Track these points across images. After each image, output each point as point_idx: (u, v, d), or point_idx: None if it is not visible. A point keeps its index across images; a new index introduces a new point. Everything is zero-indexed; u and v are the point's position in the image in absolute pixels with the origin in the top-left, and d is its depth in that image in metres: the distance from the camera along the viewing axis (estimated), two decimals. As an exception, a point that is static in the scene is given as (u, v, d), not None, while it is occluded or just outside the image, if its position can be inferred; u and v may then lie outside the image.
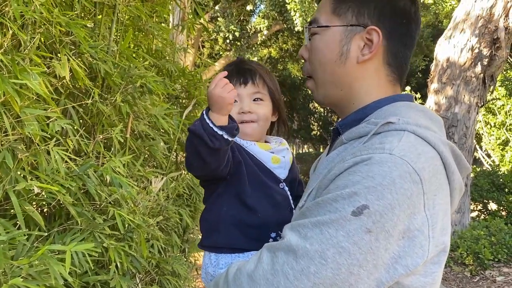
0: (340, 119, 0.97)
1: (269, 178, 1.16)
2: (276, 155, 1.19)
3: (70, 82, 1.40)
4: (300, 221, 0.77)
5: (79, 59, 1.44)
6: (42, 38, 1.29)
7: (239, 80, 1.19)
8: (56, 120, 1.24)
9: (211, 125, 0.96)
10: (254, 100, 1.20)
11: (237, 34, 10.32)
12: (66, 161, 1.22)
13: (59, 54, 1.29)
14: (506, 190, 6.58)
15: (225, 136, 0.98)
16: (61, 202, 1.25)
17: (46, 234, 1.15)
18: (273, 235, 1.09)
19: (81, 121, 1.60)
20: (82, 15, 1.73)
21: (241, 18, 11.31)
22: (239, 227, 1.09)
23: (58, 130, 1.21)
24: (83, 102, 1.47)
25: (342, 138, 0.90)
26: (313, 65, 0.96)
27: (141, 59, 2.12)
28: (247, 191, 1.10)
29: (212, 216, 1.13)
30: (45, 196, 1.18)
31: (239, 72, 1.20)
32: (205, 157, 1.00)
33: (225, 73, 1.02)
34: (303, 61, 1.01)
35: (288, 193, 1.18)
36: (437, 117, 0.90)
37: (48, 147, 1.17)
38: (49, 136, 1.18)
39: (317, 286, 0.70)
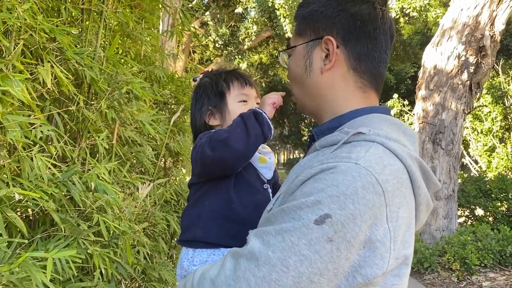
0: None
1: (254, 177, 1.19)
2: (263, 155, 1.22)
3: (55, 88, 1.40)
4: (265, 228, 0.78)
5: (65, 65, 1.44)
6: (27, 45, 1.29)
7: (245, 81, 1.25)
8: (41, 126, 1.24)
9: (268, 119, 1.08)
10: (257, 103, 1.27)
11: (226, 37, 10.34)
12: (50, 168, 1.22)
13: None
14: (493, 196, 6.65)
15: (272, 133, 1.09)
16: (45, 209, 1.25)
17: (28, 241, 1.14)
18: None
19: (67, 127, 1.60)
20: (69, 21, 1.73)
21: (232, 24, 11.35)
22: (218, 222, 1.10)
23: (42, 137, 1.21)
24: (68, 108, 1.46)
25: (316, 145, 0.92)
26: (290, 83, 1.03)
27: (129, 65, 2.13)
28: (232, 187, 1.12)
29: (193, 211, 1.15)
30: (29, 202, 1.18)
31: (241, 75, 1.26)
32: (252, 144, 1.06)
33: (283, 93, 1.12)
34: None
35: (271, 195, 1.20)
36: (411, 131, 0.92)
37: (32, 153, 1.17)
38: (32, 142, 1.18)
39: None
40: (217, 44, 10.65)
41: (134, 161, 2.11)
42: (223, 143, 1.05)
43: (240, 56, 10.98)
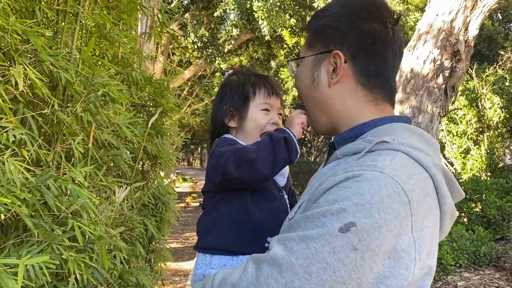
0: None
1: (271, 185, 1.18)
2: None
3: (29, 91, 1.37)
4: (288, 234, 0.77)
5: (39, 67, 1.41)
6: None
7: (272, 91, 1.23)
8: (13, 129, 1.21)
9: (296, 143, 1.06)
10: (278, 114, 1.26)
11: (205, 39, 10.30)
12: (23, 172, 1.19)
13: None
14: (467, 197, 6.80)
15: (297, 157, 1.07)
16: (17, 214, 1.22)
17: (-1, 247, 1.11)
18: (269, 239, 1.08)
19: (41, 130, 1.57)
20: (44, 22, 1.70)
21: (212, 26, 11.32)
22: (235, 229, 1.09)
23: (14, 140, 1.18)
24: (42, 111, 1.44)
25: (337, 153, 0.92)
26: (299, 95, 1.04)
27: (105, 68, 2.10)
28: (248, 195, 1.11)
29: (210, 218, 1.14)
30: (0, 208, 1.15)
31: (269, 83, 1.24)
32: (277, 169, 1.05)
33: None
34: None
35: (287, 201, 1.20)
36: (433, 140, 0.92)
37: (4, 157, 1.14)
38: (3, 146, 1.15)
39: None
40: (195, 46, 10.60)
41: (111, 165, 2.08)
42: (249, 165, 1.03)
43: (220, 58, 10.96)
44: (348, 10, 0.94)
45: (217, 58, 10.92)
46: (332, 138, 1.01)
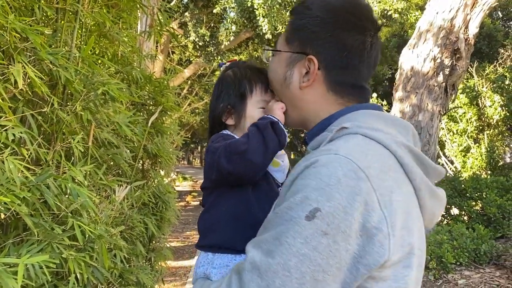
0: None
1: (269, 181, 1.17)
2: (276, 159, 1.20)
3: (28, 89, 1.36)
4: (261, 236, 0.78)
5: (39, 66, 1.41)
6: (-2, 44, 1.26)
7: (268, 85, 1.18)
8: (13, 128, 1.20)
9: (283, 127, 1.05)
10: (262, 108, 1.24)
11: (207, 38, 10.27)
12: (23, 171, 1.19)
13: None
14: (468, 195, 6.80)
15: (287, 139, 1.07)
16: (17, 213, 1.22)
17: (-1, 246, 1.11)
18: None
19: (41, 129, 1.56)
20: (44, 20, 1.70)
21: (211, 24, 11.31)
22: (236, 227, 1.08)
23: (14, 139, 1.18)
24: (41, 110, 1.43)
25: (308, 148, 0.93)
26: (270, 81, 1.07)
27: (105, 66, 2.09)
28: (250, 191, 1.10)
29: (209, 216, 1.13)
30: (0, 207, 1.14)
31: (265, 76, 1.19)
32: (270, 156, 1.05)
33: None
34: None
35: None
36: (403, 122, 0.92)
37: (3, 156, 1.14)
38: (3, 145, 1.15)
39: None
40: (197, 46, 10.58)
41: (111, 163, 2.08)
42: (241, 157, 1.02)
43: (220, 57, 10.94)
44: (330, 17, 0.93)
45: (216, 58, 10.91)
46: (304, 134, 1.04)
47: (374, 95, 11.98)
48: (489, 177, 7.70)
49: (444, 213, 7.32)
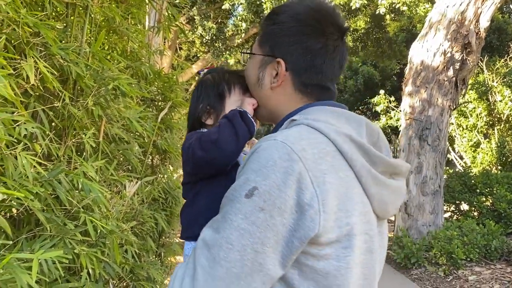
0: None
1: None
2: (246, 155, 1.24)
3: (39, 84, 1.36)
4: (214, 217, 0.86)
5: (50, 61, 1.40)
6: (10, 39, 1.25)
7: (243, 87, 1.25)
8: (25, 123, 1.20)
9: (250, 117, 1.12)
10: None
11: (213, 32, 10.23)
12: (35, 166, 1.19)
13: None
14: (478, 191, 6.74)
15: (255, 128, 1.15)
16: (30, 208, 1.22)
17: (12, 241, 1.11)
18: None
19: (52, 124, 1.56)
20: (54, 15, 1.69)
21: (219, 20, 11.27)
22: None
23: (26, 134, 1.17)
24: (53, 105, 1.43)
25: None
26: (247, 83, 1.16)
27: (115, 61, 2.09)
28: (223, 184, 1.13)
29: (190, 210, 1.19)
30: (13, 202, 1.14)
31: (243, 78, 1.26)
32: (241, 143, 1.11)
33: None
34: None
35: None
36: (356, 117, 0.99)
37: (16, 151, 1.14)
38: (15, 140, 1.15)
39: (229, 270, 0.78)
40: (204, 40, 10.55)
41: (121, 159, 2.08)
42: (214, 144, 1.09)
43: (228, 52, 10.91)
44: (295, 24, 1.01)
45: (224, 53, 10.87)
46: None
47: (382, 91, 11.90)
48: (499, 172, 7.63)
49: (454, 209, 7.28)
